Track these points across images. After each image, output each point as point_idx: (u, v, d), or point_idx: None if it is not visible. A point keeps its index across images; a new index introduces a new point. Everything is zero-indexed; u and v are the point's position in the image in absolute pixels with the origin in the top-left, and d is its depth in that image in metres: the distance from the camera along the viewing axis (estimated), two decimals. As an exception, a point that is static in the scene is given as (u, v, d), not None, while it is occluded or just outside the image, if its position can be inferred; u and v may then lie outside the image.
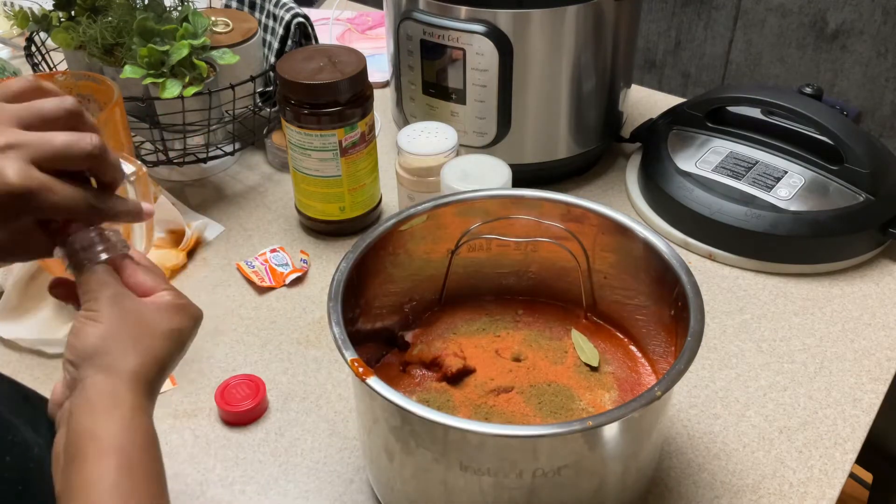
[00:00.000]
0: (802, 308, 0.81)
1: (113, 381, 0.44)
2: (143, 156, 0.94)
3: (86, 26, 0.91)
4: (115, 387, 0.44)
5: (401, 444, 0.54)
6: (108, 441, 0.41)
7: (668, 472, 0.66)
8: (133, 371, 0.45)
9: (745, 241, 0.84)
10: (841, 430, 0.69)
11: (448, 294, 0.71)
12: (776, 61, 1.56)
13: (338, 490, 0.65)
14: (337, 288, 0.57)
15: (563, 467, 0.51)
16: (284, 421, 0.71)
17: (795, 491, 0.64)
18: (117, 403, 0.43)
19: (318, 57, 0.83)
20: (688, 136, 0.94)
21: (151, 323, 0.47)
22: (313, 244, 0.90)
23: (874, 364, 0.75)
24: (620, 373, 0.66)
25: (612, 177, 1.01)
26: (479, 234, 0.67)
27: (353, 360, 0.52)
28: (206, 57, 0.87)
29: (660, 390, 0.50)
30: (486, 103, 0.89)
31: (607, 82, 0.93)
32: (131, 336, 0.45)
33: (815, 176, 0.86)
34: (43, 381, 0.74)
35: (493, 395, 0.62)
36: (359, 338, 0.58)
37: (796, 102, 0.86)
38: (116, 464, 0.41)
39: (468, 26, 0.84)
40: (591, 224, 0.65)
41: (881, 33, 1.42)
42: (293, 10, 1.01)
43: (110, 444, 0.41)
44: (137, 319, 0.46)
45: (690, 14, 1.60)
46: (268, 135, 1.03)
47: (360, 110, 0.83)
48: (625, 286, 0.67)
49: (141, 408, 0.44)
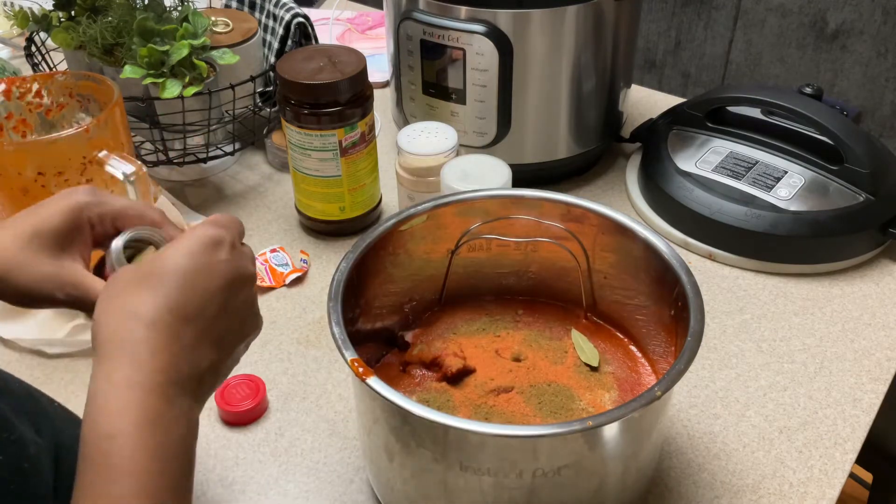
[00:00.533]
0: (802, 308, 0.81)
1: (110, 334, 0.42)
2: (143, 156, 0.94)
3: (86, 26, 0.91)
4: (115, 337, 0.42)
5: (401, 444, 0.54)
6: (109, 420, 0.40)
7: (668, 472, 0.66)
8: (133, 312, 0.43)
9: (745, 241, 0.84)
10: (841, 430, 0.69)
11: (448, 294, 0.71)
12: (776, 61, 1.56)
13: (338, 490, 0.65)
14: (337, 288, 0.57)
15: (563, 467, 0.51)
16: (284, 421, 0.71)
17: (795, 491, 0.64)
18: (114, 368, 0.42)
19: (318, 57, 0.83)
20: (688, 136, 0.94)
21: (155, 260, 0.45)
22: (313, 244, 0.90)
23: (874, 364, 0.75)
24: (620, 373, 0.66)
25: (612, 177, 1.01)
26: (479, 234, 0.67)
27: (353, 360, 0.52)
28: (206, 57, 0.87)
29: (660, 390, 0.50)
30: (486, 103, 0.89)
31: (607, 82, 0.93)
32: (135, 278, 0.44)
33: (815, 176, 0.86)
34: (43, 381, 0.74)
35: (493, 395, 0.62)
36: (359, 338, 0.58)
37: (796, 102, 0.86)
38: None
39: (468, 26, 0.84)
40: (591, 224, 0.65)
41: (881, 33, 1.42)
42: (293, 10, 1.01)
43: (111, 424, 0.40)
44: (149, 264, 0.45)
45: (690, 14, 1.60)
46: (268, 135, 1.03)
47: (360, 110, 0.83)
48: (625, 286, 0.67)
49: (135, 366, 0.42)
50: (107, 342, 0.43)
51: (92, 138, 0.73)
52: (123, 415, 0.40)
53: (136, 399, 0.41)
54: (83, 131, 0.72)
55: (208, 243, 0.46)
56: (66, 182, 0.74)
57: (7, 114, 0.79)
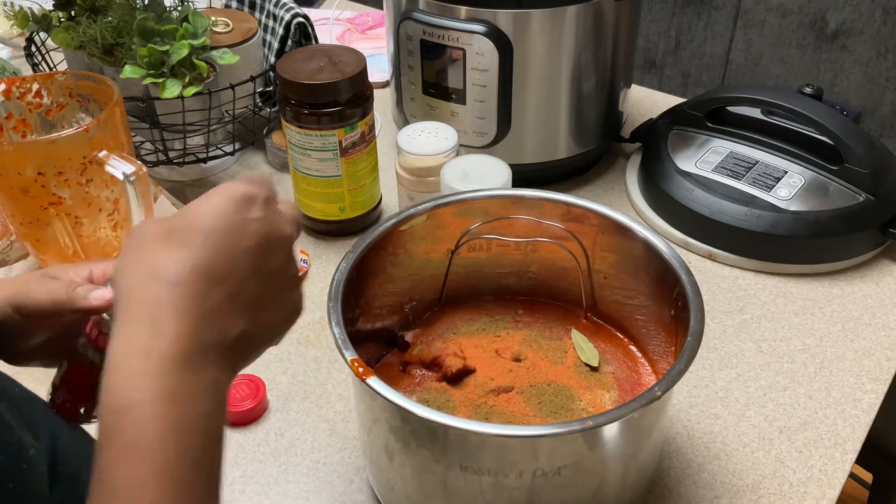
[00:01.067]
0: (802, 308, 0.81)
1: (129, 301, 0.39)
2: (143, 156, 0.94)
3: (86, 26, 0.91)
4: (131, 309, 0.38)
5: (401, 444, 0.54)
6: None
7: (668, 472, 0.66)
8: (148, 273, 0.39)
9: (745, 241, 0.84)
10: (841, 430, 0.69)
11: (448, 294, 0.71)
12: (776, 61, 1.56)
13: (338, 490, 0.65)
14: (337, 288, 0.57)
15: (563, 467, 0.51)
16: (284, 421, 0.71)
17: (795, 491, 0.64)
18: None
19: (318, 57, 0.83)
20: (688, 136, 0.94)
21: (181, 215, 0.41)
22: (313, 244, 0.90)
23: (874, 364, 0.75)
24: (620, 373, 0.66)
25: (612, 177, 1.01)
26: (479, 234, 0.67)
27: (353, 360, 0.52)
28: (206, 57, 0.87)
29: (660, 390, 0.50)
30: (486, 103, 0.89)
31: (607, 82, 0.93)
32: (159, 233, 0.40)
33: (815, 176, 0.86)
34: (43, 381, 0.74)
35: (493, 395, 0.62)
36: (359, 338, 0.58)
37: (796, 102, 0.86)
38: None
39: (468, 26, 0.84)
40: (591, 224, 0.65)
41: (881, 33, 1.42)
42: (293, 10, 1.01)
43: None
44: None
45: (690, 14, 1.60)
46: (268, 135, 1.03)
47: (360, 110, 0.83)
48: (625, 286, 0.67)
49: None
50: (125, 302, 0.39)
51: (92, 138, 0.73)
52: (140, 386, 0.36)
53: (153, 369, 0.37)
54: (83, 131, 0.72)
55: (239, 199, 0.41)
56: (66, 182, 0.74)
57: (7, 114, 0.79)
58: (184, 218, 0.41)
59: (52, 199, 0.74)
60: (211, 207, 0.41)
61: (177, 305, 0.38)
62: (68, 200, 0.75)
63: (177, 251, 0.39)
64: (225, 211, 0.41)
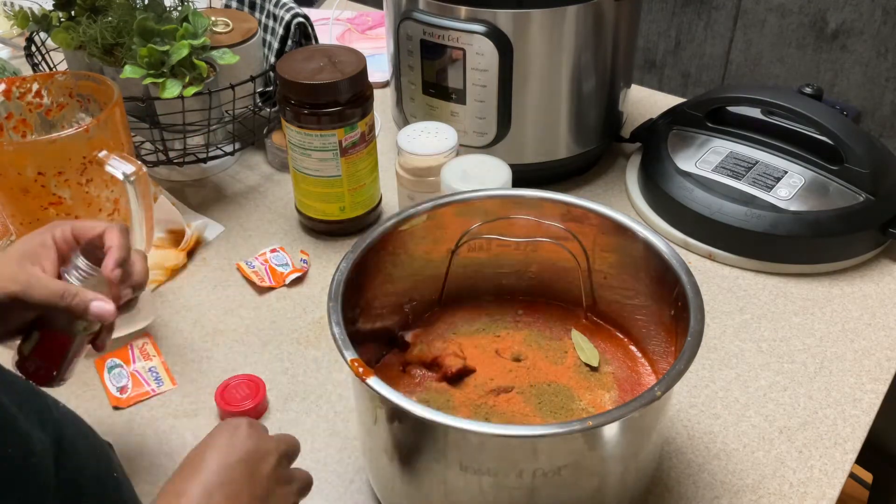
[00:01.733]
0: (802, 308, 0.81)
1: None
2: (143, 156, 0.94)
3: (86, 26, 0.91)
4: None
5: (401, 444, 0.54)
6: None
7: (668, 472, 0.66)
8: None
9: (745, 241, 0.84)
10: (841, 430, 0.69)
11: (448, 294, 0.71)
12: (776, 61, 1.56)
13: (338, 490, 0.65)
14: (337, 288, 0.57)
15: (563, 467, 0.51)
16: (284, 421, 0.71)
17: (795, 491, 0.64)
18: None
19: (318, 57, 0.83)
20: (688, 136, 0.94)
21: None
22: (313, 244, 0.90)
23: (874, 364, 0.75)
24: (620, 373, 0.66)
25: (612, 177, 1.01)
26: (479, 234, 0.67)
27: (353, 360, 0.52)
28: (206, 57, 0.87)
29: (660, 390, 0.50)
30: (486, 103, 0.89)
31: (607, 82, 0.93)
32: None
33: (815, 176, 0.86)
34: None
35: (493, 395, 0.62)
36: (359, 338, 0.58)
37: (796, 102, 0.86)
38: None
39: (468, 26, 0.84)
40: (591, 224, 0.65)
41: (881, 33, 1.42)
42: (293, 10, 1.01)
43: None
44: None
45: (690, 14, 1.60)
46: (268, 135, 1.03)
47: (360, 110, 0.83)
48: (625, 286, 0.67)
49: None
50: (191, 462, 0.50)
51: (92, 138, 0.73)
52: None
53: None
54: (83, 131, 0.72)
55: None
56: (66, 182, 0.74)
57: (7, 114, 0.79)
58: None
59: (52, 199, 0.74)
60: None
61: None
62: (68, 200, 0.75)
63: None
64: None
